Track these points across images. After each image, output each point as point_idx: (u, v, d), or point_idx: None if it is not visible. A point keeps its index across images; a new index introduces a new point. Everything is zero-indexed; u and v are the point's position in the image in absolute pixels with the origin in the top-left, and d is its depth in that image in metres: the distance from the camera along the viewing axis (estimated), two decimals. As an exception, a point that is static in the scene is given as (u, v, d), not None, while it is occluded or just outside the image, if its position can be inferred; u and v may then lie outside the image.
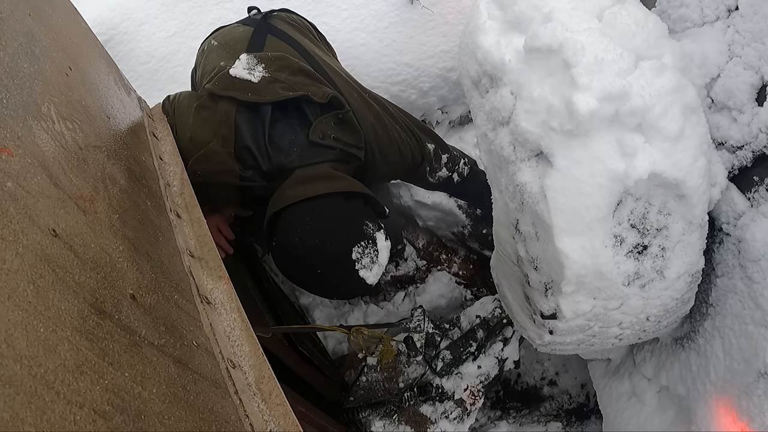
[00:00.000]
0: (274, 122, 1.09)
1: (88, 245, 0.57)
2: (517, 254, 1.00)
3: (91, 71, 0.97)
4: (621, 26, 0.84)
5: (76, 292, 0.49)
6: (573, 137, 0.81)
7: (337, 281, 1.08)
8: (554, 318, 1.00)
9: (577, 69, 0.79)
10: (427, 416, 1.61)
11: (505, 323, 1.69)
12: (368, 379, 1.68)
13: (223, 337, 0.75)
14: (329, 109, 1.12)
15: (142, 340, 0.56)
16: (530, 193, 0.88)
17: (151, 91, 2.09)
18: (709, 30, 1.09)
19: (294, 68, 1.15)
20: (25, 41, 0.69)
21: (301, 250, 1.02)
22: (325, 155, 1.11)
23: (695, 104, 0.86)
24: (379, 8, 2.01)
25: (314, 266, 1.03)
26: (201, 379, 0.63)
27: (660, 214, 0.90)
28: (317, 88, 1.12)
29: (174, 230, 0.88)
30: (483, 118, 1.00)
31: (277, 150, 1.08)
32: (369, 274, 1.06)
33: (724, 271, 1.07)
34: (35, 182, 0.53)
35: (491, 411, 1.93)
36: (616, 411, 1.40)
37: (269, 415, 0.68)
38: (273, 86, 1.09)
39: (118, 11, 2.24)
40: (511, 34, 0.95)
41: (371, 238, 1.07)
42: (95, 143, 0.76)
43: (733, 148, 1.01)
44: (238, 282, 1.15)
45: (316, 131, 1.09)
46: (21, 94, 0.60)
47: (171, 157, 1.12)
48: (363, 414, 1.64)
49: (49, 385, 0.39)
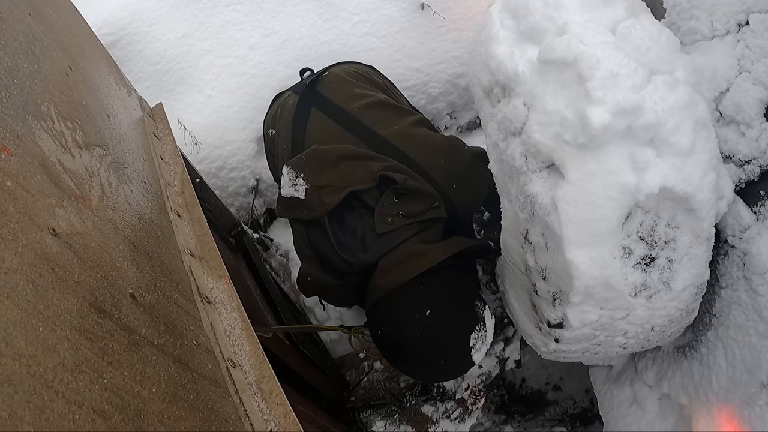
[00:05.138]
0: (339, 225, 1.06)
1: (88, 244, 0.56)
2: (525, 263, 1.01)
3: (91, 71, 0.97)
4: (635, 40, 0.85)
5: (75, 291, 0.49)
6: (586, 150, 0.82)
7: (448, 368, 1.06)
8: (561, 327, 1.01)
9: (592, 83, 0.80)
10: (428, 416, 1.62)
11: (506, 323, 1.70)
12: (369, 379, 1.69)
13: (224, 337, 0.75)
14: (384, 186, 1.07)
15: (142, 340, 0.55)
16: (541, 204, 0.89)
17: (160, 93, 2.09)
18: (719, 44, 1.10)
19: (331, 160, 1.09)
20: (26, 41, 0.69)
21: (407, 339, 0.99)
22: (404, 234, 1.04)
23: (706, 119, 0.87)
24: (390, 13, 2.02)
25: (426, 355, 1.01)
26: (201, 378, 0.63)
27: (668, 227, 0.91)
28: (363, 170, 1.06)
29: (174, 229, 0.88)
30: (494, 127, 1.02)
31: (350, 253, 1.04)
32: (478, 355, 1.04)
33: (729, 282, 1.08)
34: (35, 181, 0.52)
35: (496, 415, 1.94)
36: (617, 417, 1.41)
37: (269, 415, 0.68)
38: (319, 196, 1.06)
39: (128, 12, 2.24)
40: (524, 44, 0.96)
41: (482, 319, 1.04)
42: (95, 143, 0.76)
43: (740, 162, 1.03)
44: (239, 281, 1.15)
45: (381, 220, 1.04)
46: (21, 94, 0.60)
47: (172, 157, 1.12)
48: (364, 414, 1.65)
49: (48, 384, 0.39)
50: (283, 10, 2.15)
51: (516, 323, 1.23)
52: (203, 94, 2.11)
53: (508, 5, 1.03)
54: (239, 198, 2.05)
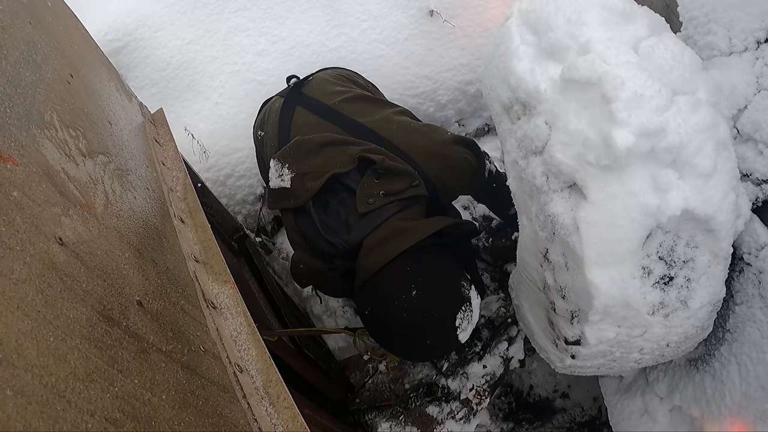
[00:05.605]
0: (323, 210, 1.09)
1: (94, 253, 0.56)
2: (544, 281, 1.01)
3: (92, 78, 0.97)
4: (658, 60, 0.85)
5: (84, 300, 0.49)
6: (608, 171, 0.82)
7: (434, 347, 1.06)
8: (578, 344, 1.01)
9: (617, 104, 0.79)
10: (433, 417, 1.61)
11: (509, 322, 1.70)
12: (374, 380, 1.69)
13: (230, 342, 0.75)
14: (364, 168, 1.09)
15: (150, 347, 0.55)
16: (562, 225, 0.89)
17: (167, 99, 2.08)
18: (737, 60, 1.10)
19: (312, 148, 1.13)
20: (27, 50, 0.69)
21: (393, 319, 0.99)
22: (386, 212, 1.06)
23: (727, 140, 0.87)
24: (398, 20, 2.01)
25: (412, 335, 1.01)
26: (209, 384, 0.63)
27: (687, 247, 0.91)
28: (343, 155, 1.10)
29: (178, 235, 0.88)
30: (513, 144, 1.01)
31: (335, 234, 1.06)
32: (464, 335, 1.04)
33: (744, 299, 1.08)
34: (40, 191, 0.52)
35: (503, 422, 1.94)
36: (627, 428, 1.41)
37: (277, 419, 0.68)
38: (303, 183, 1.09)
39: (134, 18, 2.22)
40: (546, 62, 0.95)
41: (468, 299, 1.04)
42: (98, 150, 0.76)
43: (758, 181, 1.03)
44: (243, 285, 1.15)
45: (362, 200, 1.06)
46: (24, 103, 0.60)
47: (174, 163, 1.12)
48: (369, 416, 1.65)
49: (60, 394, 0.39)
50: (291, 17, 2.13)
51: (531, 338, 1.23)
52: (210, 101, 2.09)
53: (527, 20, 1.03)
54: (247, 206, 2.04)
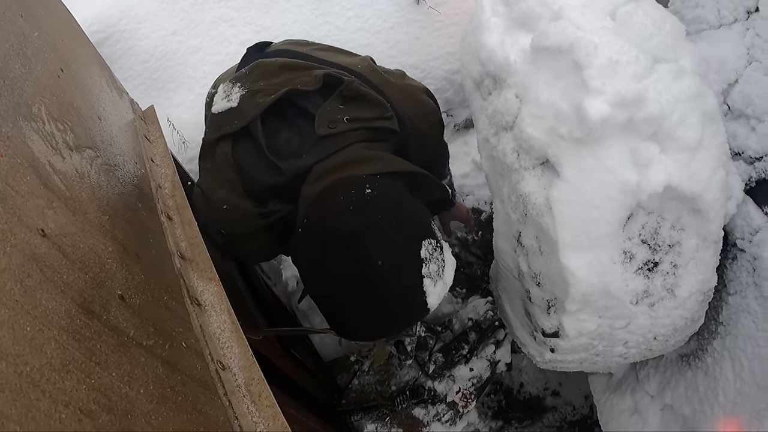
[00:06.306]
0: (272, 133, 0.92)
1: (77, 245, 0.57)
2: (518, 268, 0.94)
3: (83, 73, 0.98)
4: (637, 26, 0.78)
5: (64, 292, 0.50)
6: (582, 145, 0.76)
7: (390, 295, 0.79)
8: (556, 336, 0.95)
9: (589, 71, 0.73)
10: (419, 419, 1.63)
11: (497, 326, 1.70)
12: (360, 382, 1.70)
13: (213, 339, 0.76)
14: (329, 91, 0.93)
15: (131, 341, 0.57)
16: (534, 205, 0.83)
17: (150, 90, 2.07)
18: (727, 33, 1.04)
19: (273, 70, 0.97)
20: (17, 42, 0.71)
21: (339, 272, 0.78)
22: (348, 139, 0.89)
23: (714, 112, 0.81)
24: (384, 8, 1.99)
25: (366, 281, 0.78)
26: (190, 380, 0.64)
27: (673, 230, 0.85)
28: (306, 76, 0.94)
29: (165, 232, 0.89)
30: (485, 121, 0.95)
31: (283, 158, 0.89)
32: (433, 290, 0.80)
33: (737, 289, 1.04)
34: (24, 182, 0.54)
35: (492, 421, 1.90)
36: (617, 427, 1.36)
37: (258, 417, 0.69)
38: (253, 100, 0.93)
39: (118, 8, 2.21)
40: (516, 32, 0.90)
41: (438, 239, 0.83)
42: (86, 144, 0.78)
43: (750, 159, 0.97)
44: (229, 284, 1.13)
45: (322, 122, 0.89)
46: (12, 95, 0.61)
47: (162, 160, 1.12)
48: (356, 417, 1.66)
49: (34, 383, 0.40)
50: (275, 6, 2.12)
51: (510, 331, 1.18)
52: (194, 92, 2.07)
53: (500, -9, 0.97)
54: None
